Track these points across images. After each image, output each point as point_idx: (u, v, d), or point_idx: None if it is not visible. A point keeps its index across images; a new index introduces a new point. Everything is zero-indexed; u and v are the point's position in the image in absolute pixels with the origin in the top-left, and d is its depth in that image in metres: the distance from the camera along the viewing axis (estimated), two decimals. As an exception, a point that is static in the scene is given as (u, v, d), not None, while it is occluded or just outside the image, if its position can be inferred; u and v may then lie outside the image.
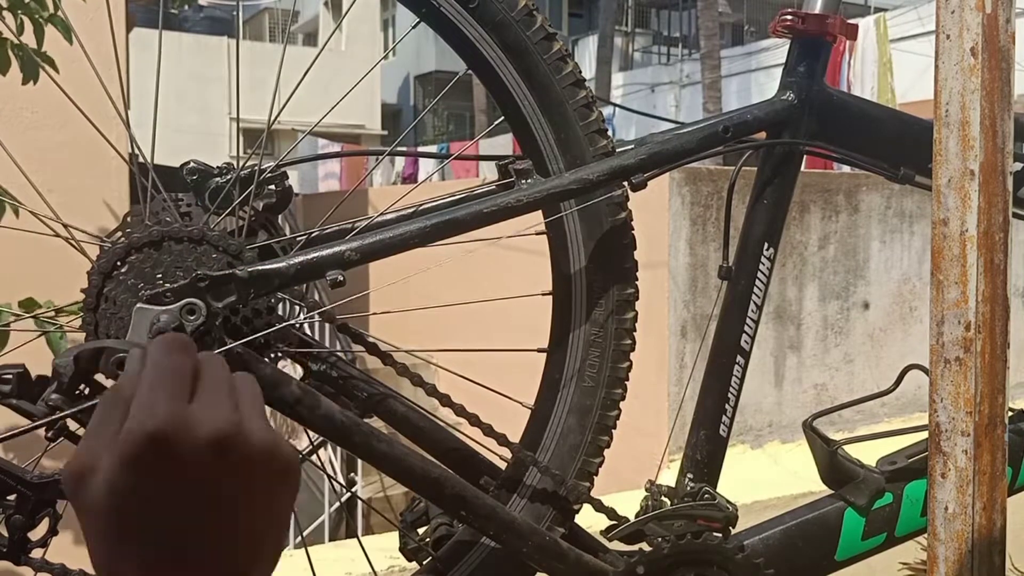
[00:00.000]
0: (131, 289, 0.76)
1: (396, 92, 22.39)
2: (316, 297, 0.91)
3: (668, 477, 1.10)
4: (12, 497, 0.74)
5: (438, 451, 0.94)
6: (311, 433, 0.85)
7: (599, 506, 0.97)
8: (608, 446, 0.96)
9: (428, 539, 0.97)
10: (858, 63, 7.63)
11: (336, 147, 11.36)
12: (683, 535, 0.96)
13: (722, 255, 1.05)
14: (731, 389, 1.04)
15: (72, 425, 0.71)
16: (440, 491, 0.85)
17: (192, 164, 0.89)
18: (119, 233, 0.81)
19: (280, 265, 0.79)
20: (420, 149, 14.52)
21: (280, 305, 0.84)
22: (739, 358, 1.03)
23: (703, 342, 1.03)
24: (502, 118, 0.92)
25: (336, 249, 0.81)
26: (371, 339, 0.91)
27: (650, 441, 2.72)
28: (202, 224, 0.81)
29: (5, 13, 1.64)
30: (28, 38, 1.69)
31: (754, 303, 1.03)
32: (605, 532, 1.00)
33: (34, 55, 1.62)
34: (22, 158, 0.87)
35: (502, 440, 0.92)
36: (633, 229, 0.94)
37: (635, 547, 0.98)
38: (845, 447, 1.05)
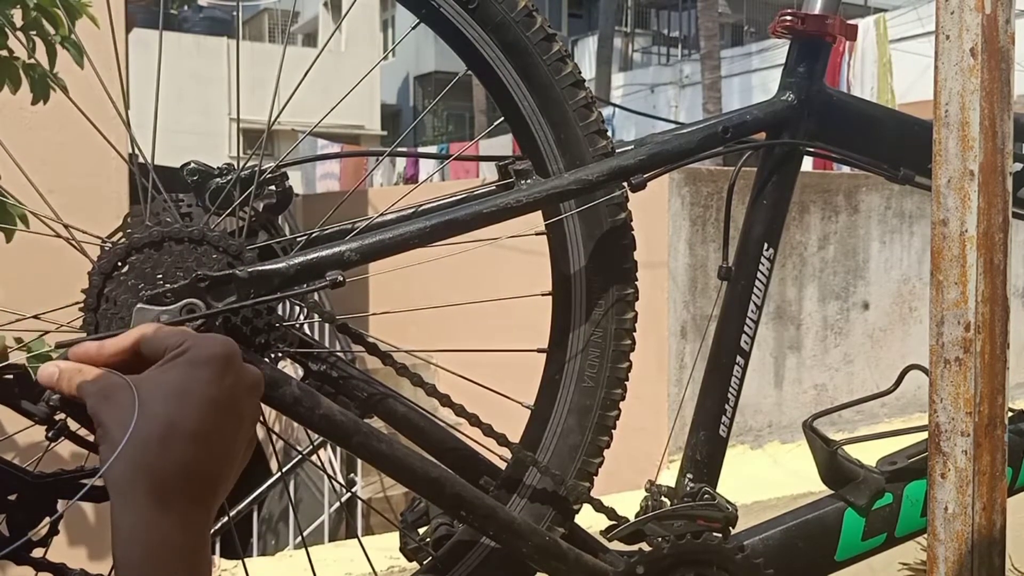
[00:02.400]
0: (131, 289, 0.76)
1: (396, 92, 22.40)
2: (316, 298, 0.91)
3: (668, 477, 1.11)
4: (13, 496, 0.74)
5: (438, 451, 0.94)
6: (311, 433, 0.85)
7: (599, 506, 0.97)
8: (608, 446, 0.96)
9: (428, 539, 0.97)
10: (858, 63, 7.63)
11: (336, 147, 11.35)
12: (683, 535, 0.96)
13: (722, 255, 1.05)
14: (731, 389, 1.04)
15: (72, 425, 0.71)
16: (440, 491, 0.85)
17: (192, 165, 0.89)
18: (120, 233, 0.81)
19: (280, 265, 0.80)
20: (420, 150, 14.53)
21: (280, 305, 0.84)
22: (739, 358, 1.03)
23: (703, 342, 1.03)
24: (502, 118, 0.92)
25: (336, 249, 0.81)
26: (371, 339, 0.91)
27: (650, 441, 2.72)
28: (202, 225, 0.81)
29: (18, 33, 1.65)
30: (40, 57, 1.70)
31: (754, 303, 1.03)
32: (605, 532, 1.00)
33: (48, 77, 1.62)
34: (22, 158, 0.87)
35: (502, 440, 0.92)
36: (633, 229, 0.94)
37: (635, 547, 0.98)
38: (845, 447, 1.05)
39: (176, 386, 0.60)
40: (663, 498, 1.04)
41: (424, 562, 0.97)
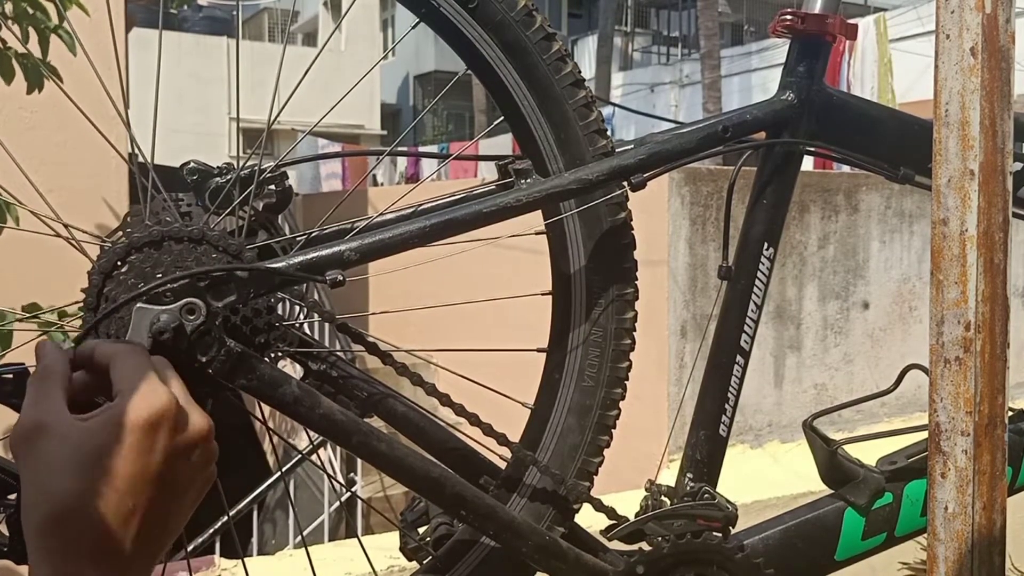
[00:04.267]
0: (131, 289, 0.76)
1: (396, 92, 22.42)
2: (316, 297, 0.91)
3: (668, 477, 1.11)
4: (13, 496, 0.74)
5: (438, 451, 0.94)
6: (311, 433, 0.85)
7: (599, 506, 0.97)
8: (608, 446, 0.96)
9: (428, 538, 0.97)
10: (858, 63, 7.64)
11: (336, 147, 11.36)
12: (683, 535, 0.96)
13: (722, 255, 1.05)
14: (731, 389, 1.04)
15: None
16: (440, 491, 0.85)
17: (192, 164, 0.89)
18: (119, 233, 0.81)
19: (280, 265, 0.80)
20: (420, 149, 14.53)
21: (280, 305, 0.84)
22: (739, 358, 1.03)
23: (703, 341, 1.03)
24: (502, 118, 0.92)
25: (335, 249, 0.81)
26: (371, 339, 0.91)
27: (650, 441, 2.72)
28: (202, 224, 0.81)
29: (10, 23, 1.66)
30: (32, 47, 1.70)
31: (754, 303, 1.03)
32: (605, 532, 1.00)
33: (40, 65, 1.63)
34: (22, 158, 0.88)
35: (502, 440, 0.92)
36: (633, 229, 0.94)
37: (635, 547, 0.98)
38: (845, 447, 1.05)
39: (95, 453, 0.54)
40: (663, 497, 1.04)
41: (424, 562, 0.97)
